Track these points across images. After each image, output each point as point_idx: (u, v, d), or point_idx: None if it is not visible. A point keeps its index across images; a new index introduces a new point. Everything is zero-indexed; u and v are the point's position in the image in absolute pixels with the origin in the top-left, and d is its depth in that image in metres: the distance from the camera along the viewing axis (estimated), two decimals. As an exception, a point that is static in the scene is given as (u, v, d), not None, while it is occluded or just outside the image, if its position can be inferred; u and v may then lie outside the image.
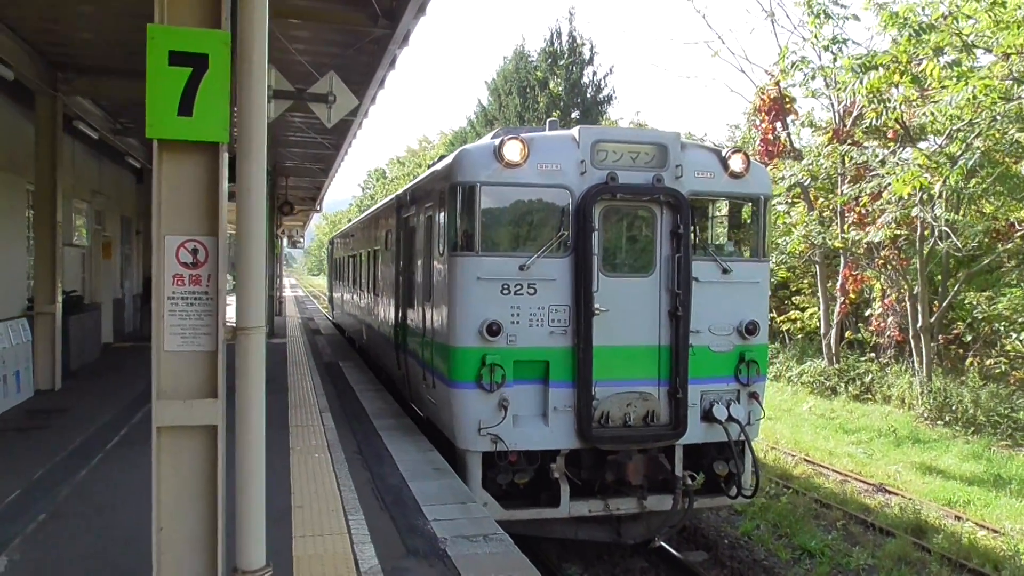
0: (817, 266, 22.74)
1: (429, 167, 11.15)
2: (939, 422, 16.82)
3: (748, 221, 8.85)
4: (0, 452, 8.42)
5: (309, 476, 7.45)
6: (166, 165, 3.93)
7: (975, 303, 17.63)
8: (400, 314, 11.10)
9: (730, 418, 8.19)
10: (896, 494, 12.35)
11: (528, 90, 38.45)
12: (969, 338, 21.01)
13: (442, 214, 8.45)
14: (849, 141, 19.61)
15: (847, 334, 23.90)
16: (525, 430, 7.83)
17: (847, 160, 19.04)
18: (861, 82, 14.50)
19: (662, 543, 8.90)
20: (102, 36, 10.69)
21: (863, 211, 19.57)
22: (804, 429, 17.09)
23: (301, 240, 53.86)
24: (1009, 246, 18.95)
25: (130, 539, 5.74)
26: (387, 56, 9.55)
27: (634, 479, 8.04)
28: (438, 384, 8.54)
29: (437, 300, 8.62)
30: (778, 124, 22.34)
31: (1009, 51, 13.71)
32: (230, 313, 4.13)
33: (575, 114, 37.11)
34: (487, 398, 7.71)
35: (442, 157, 10.87)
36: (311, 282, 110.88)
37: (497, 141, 7.79)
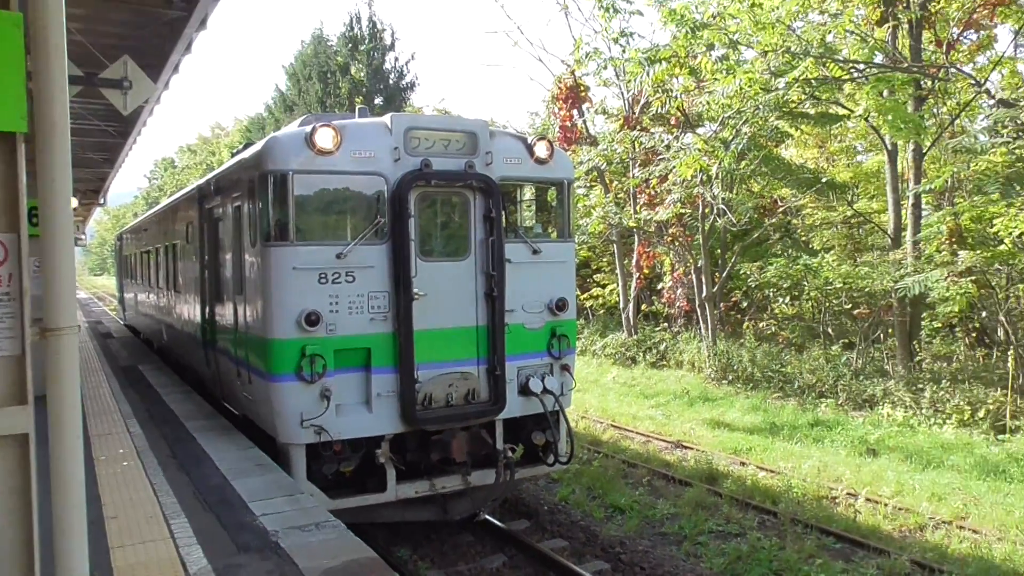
0: (615, 245, 24.31)
1: (233, 155, 10.68)
2: (724, 381, 18.71)
3: (554, 204, 9.36)
4: None
5: (120, 485, 7.02)
6: (-49, 158, 3.58)
7: (748, 273, 19.66)
8: (207, 310, 10.60)
9: (545, 390, 8.66)
10: (691, 448, 13.64)
11: (329, 75, 37.52)
12: (745, 304, 23.49)
13: (252, 204, 8.19)
14: (638, 127, 21.12)
15: (643, 307, 25.81)
16: (349, 418, 7.84)
17: (637, 145, 20.49)
18: (647, 74, 15.72)
19: (486, 516, 9.26)
20: None
21: (653, 192, 21.19)
22: (610, 397, 18.32)
23: (82, 237, 49.10)
24: (773, 220, 21.42)
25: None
26: (183, 40, 8.98)
27: (458, 457, 8.31)
28: (255, 379, 8.31)
29: (250, 293, 8.37)
30: (575, 112, 23.59)
31: (766, 48, 15.45)
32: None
33: (378, 100, 36.77)
34: (308, 389, 7.62)
35: (248, 144, 10.45)
36: (93, 283, 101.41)
37: (308, 128, 7.66)
